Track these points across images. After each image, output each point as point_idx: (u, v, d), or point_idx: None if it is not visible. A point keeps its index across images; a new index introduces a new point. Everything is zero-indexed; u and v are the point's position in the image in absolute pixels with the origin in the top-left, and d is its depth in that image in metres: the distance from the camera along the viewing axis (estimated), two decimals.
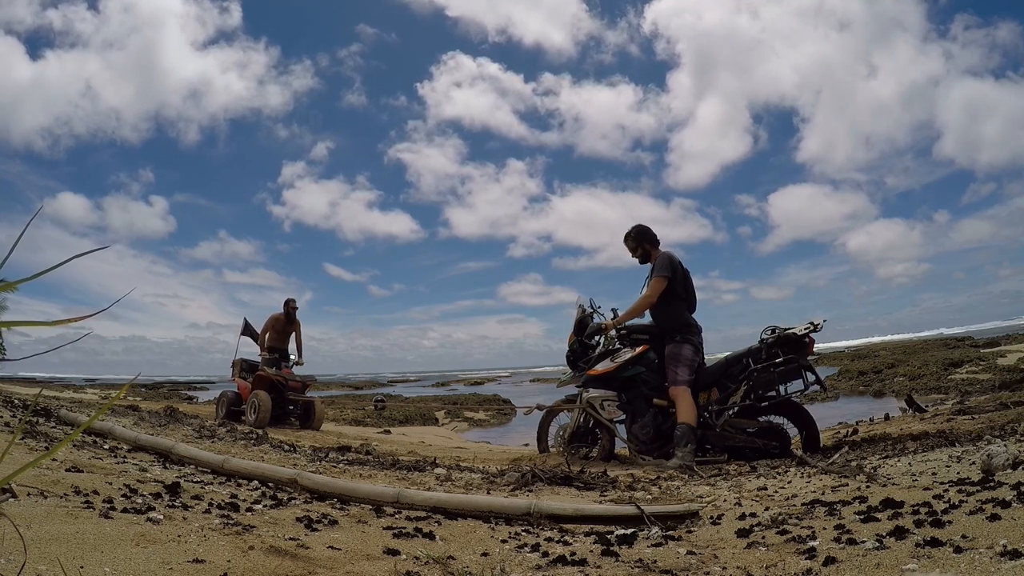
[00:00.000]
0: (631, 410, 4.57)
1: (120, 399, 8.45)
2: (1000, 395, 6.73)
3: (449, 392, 22.85)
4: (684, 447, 4.14)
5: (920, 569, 1.27)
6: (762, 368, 4.34)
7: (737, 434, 4.37)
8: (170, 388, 24.03)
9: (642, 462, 4.31)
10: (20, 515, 1.45)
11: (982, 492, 1.85)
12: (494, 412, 13.68)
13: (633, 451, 4.50)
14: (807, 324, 4.42)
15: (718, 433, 4.37)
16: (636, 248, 4.74)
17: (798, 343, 4.37)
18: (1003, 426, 3.95)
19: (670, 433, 4.37)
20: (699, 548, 1.70)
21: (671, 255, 4.60)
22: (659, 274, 4.50)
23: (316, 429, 7.99)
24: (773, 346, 4.38)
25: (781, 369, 4.29)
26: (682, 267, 4.62)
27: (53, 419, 3.93)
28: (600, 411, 4.64)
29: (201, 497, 2.04)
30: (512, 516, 2.12)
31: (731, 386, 4.44)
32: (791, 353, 4.33)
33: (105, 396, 13.90)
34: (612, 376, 4.58)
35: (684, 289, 4.60)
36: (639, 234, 4.73)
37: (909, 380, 11.16)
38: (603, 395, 4.67)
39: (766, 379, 4.32)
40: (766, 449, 4.30)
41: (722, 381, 4.49)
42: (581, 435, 4.76)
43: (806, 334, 4.38)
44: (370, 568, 1.45)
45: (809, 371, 4.35)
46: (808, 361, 4.40)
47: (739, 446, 4.34)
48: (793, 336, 4.36)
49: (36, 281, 0.63)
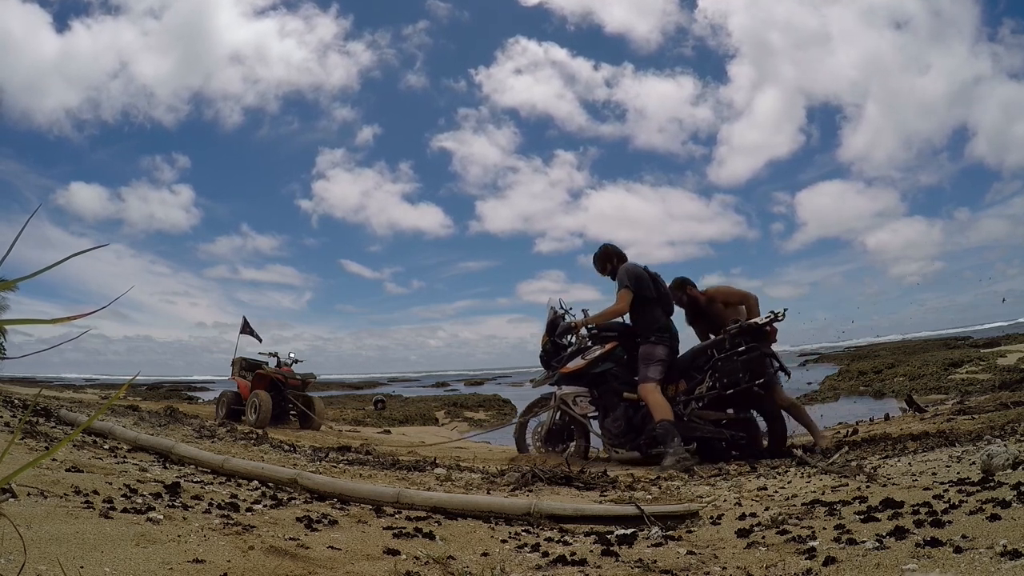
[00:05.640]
0: (603, 405, 4.75)
1: (120, 399, 8.45)
2: (1000, 395, 6.73)
3: (449, 392, 22.85)
4: (672, 442, 4.21)
5: (920, 569, 1.27)
6: (725, 357, 4.44)
7: (705, 425, 4.46)
8: (170, 388, 24.03)
9: (614, 455, 4.47)
10: (20, 515, 1.45)
11: (982, 492, 1.85)
12: (494, 412, 13.69)
13: (606, 445, 4.66)
14: (768, 314, 4.53)
15: (686, 424, 4.47)
16: (605, 266, 4.91)
17: (760, 332, 4.48)
18: (1003, 426, 3.95)
19: (641, 426, 4.52)
20: (699, 548, 1.70)
21: (631, 266, 4.76)
22: (621, 287, 4.66)
23: (316, 429, 7.98)
24: (736, 336, 4.46)
25: (744, 358, 4.37)
26: (649, 273, 4.78)
27: (53, 419, 3.93)
28: (573, 407, 4.82)
29: (201, 497, 2.04)
30: (512, 516, 2.12)
31: (697, 377, 4.56)
32: (753, 342, 4.41)
33: (105, 396, 13.90)
34: (583, 372, 4.76)
35: (656, 293, 4.73)
36: (605, 254, 4.92)
37: (909, 380, 11.16)
38: (576, 391, 4.85)
39: (730, 368, 4.40)
40: (734, 440, 4.41)
41: (689, 372, 4.61)
42: (557, 432, 4.93)
43: (768, 323, 4.49)
44: (370, 568, 1.45)
45: (772, 358, 4.45)
46: (771, 349, 4.51)
47: (707, 437, 4.45)
48: (755, 326, 4.47)
49: (37, 281, 0.63)
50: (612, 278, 4.83)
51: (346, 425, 10.01)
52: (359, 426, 10.26)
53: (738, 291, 4.99)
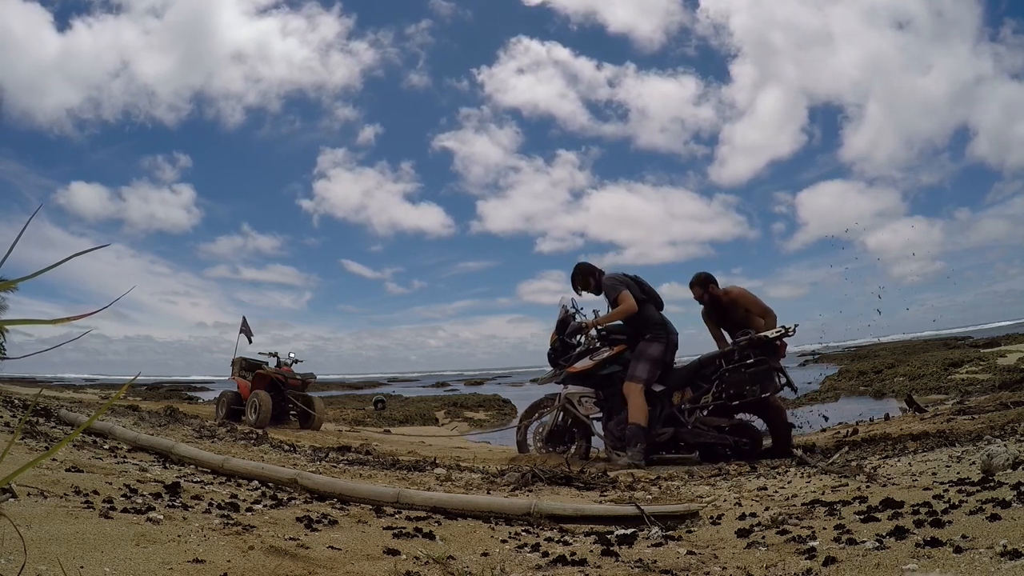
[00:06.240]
0: (608, 407, 4.76)
1: (120, 399, 8.45)
2: (1000, 395, 6.72)
3: (449, 392, 22.85)
4: (634, 447, 4.35)
5: (920, 569, 1.27)
6: (733, 369, 4.48)
7: (709, 431, 4.49)
8: (170, 388, 24.02)
9: (615, 458, 4.49)
10: (20, 515, 1.45)
11: (982, 492, 1.85)
12: (494, 412, 13.69)
13: (608, 447, 4.68)
14: (779, 328, 4.55)
15: (690, 430, 4.51)
16: (588, 282, 4.96)
17: (769, 346, 4.50)
18: (1003, 426, 3.95)
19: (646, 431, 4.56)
20: (699, 548, 1.70)
21: (613, 275, 4.86)
22: (616, 293, 4.71)
23: (316, 429, 7.98)
24: (745, 348, 4.49)
25: (752, 370, 4.41)
26: (629, 277, 4.87)
27: (53, 419, 3.93)
28: (578, 407, 4.84)
29: (201, 497, 2.04)
30: (512, 516, 2.12)
31: (704, 386, 4.60)
32: (763, 355, 4.43)
33: (105, 396, 13.90)
34: (590, 373, 4.78)
35: (644, 292, 4.82)
36: (587, 270, 4.98)
37: (909, 380, 11.15)
38: (581, 392, 4.87)
39: (737, 379, 4.45)
40: (737, 446, 4.43)
41: (695, 381, 4.66)
42: (559, 433, 4.94)
43: (778, 337, 4.51)
44: (370, 568, 1.45)
45: (780, 372, 4.47)
46: (779, 363, 4.53)
47: (711, 443, 4.47)
48: (765, 339, 4.49)
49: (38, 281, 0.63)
50: (596, 293, 4.92)
51: (346, 425, 10.01)
52: (359, 426, 10.26)
53: (761, 304, 4.99)
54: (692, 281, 5.08)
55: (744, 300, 5.03)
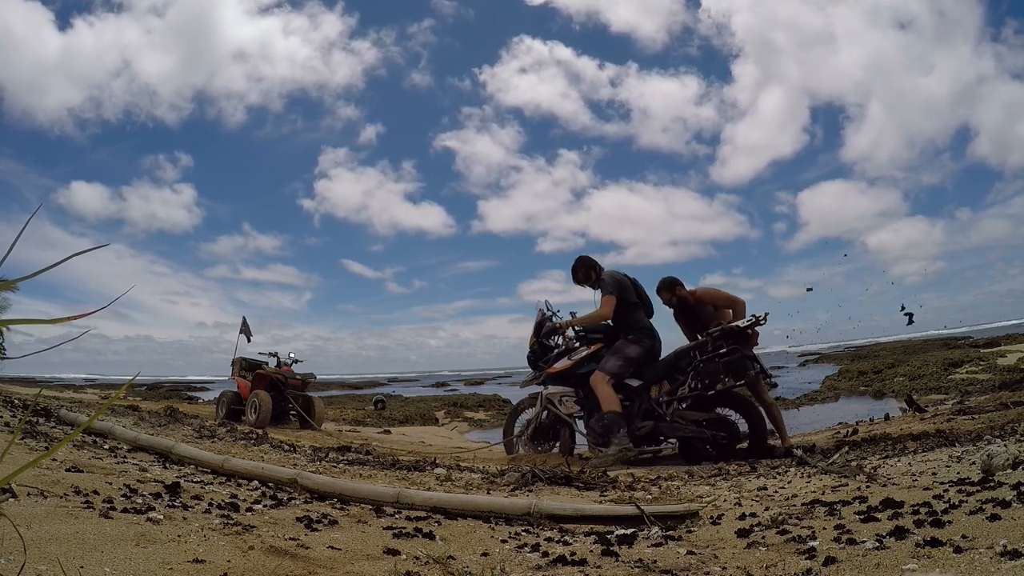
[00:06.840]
0: (588, 405, 4.85)
1: (120, 399, 8.45)
2: (1000, 395, 6.72)
3: (449, 392, 22.84)
4: (617, 433, 4.45)
5: (920, 569, 1.27)
6: (707, 359, 4.53)
7: (687, 425, 4.55)
8: (170, 388, 24.00)
9: (598, 454, 4.54)
10: (20, 515, 1.45)
11: (982, 492, 1.85)
12: (494, 412, 13.68)
13: (590, 443, 4.75)
14: (750, 317, 4.61)
15: (669, 423, 4.58)
16: (589, 275, 5.03)
17: (742, 335, 4.55)
18: (1003, 426, 3.95)
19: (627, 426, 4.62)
20: (699, 548, 1.70)
21: (613, 273, 4.93)
22: (606, 293, 4.81)
23: (316, 429, 7.99)
24: (718, 339, 4.54)
25: (726, 360, 4.45)
26: (628, 279, 4.95)
27: (53, 419, 3.93)
28: (559, 406, 4.93)
29: (201, 497, 2.04)
30: (512, 516, 2.12)
31: (680, 378, 4.67)
32: (735, 344, 4.48)
33: (105, 396, 13.90)
34: (569, 373, 4.89)
35: (638, 297, 4.93)
36: (587, 263, 5.05)
37: (909, 380, 11.14)
38: (562, 391, 4.97)
39: (711, 369, 4.50)
40: (715, 440, 4.50)
41: (672, 374, 4.73)
42: (544, 431, 5.05)
43: (749, 326, 4.56)
44: (370, 568, 1.45)
45: (753, 361, 4.51)
46: (752, 352, 4.58)
47: (689, 436, 4.55)
48: (736, 328, 4.54)
49: (37, 281, 0.63)
50: (594, 287, 4.98)
51: (346, 425, 10.01)
52: (359, 426, 10.25)
53: (727, 295, 5.10)
54: (659, 287, 5.14)
55: (710, 296, 5.13)
